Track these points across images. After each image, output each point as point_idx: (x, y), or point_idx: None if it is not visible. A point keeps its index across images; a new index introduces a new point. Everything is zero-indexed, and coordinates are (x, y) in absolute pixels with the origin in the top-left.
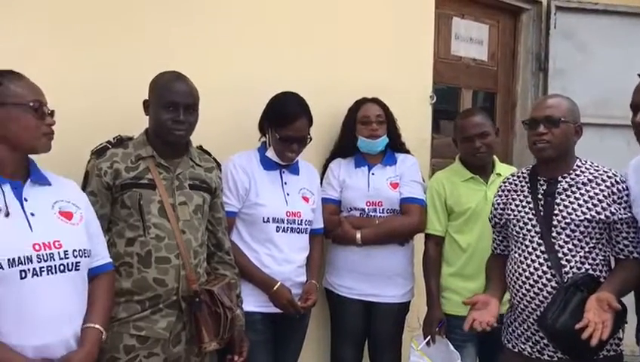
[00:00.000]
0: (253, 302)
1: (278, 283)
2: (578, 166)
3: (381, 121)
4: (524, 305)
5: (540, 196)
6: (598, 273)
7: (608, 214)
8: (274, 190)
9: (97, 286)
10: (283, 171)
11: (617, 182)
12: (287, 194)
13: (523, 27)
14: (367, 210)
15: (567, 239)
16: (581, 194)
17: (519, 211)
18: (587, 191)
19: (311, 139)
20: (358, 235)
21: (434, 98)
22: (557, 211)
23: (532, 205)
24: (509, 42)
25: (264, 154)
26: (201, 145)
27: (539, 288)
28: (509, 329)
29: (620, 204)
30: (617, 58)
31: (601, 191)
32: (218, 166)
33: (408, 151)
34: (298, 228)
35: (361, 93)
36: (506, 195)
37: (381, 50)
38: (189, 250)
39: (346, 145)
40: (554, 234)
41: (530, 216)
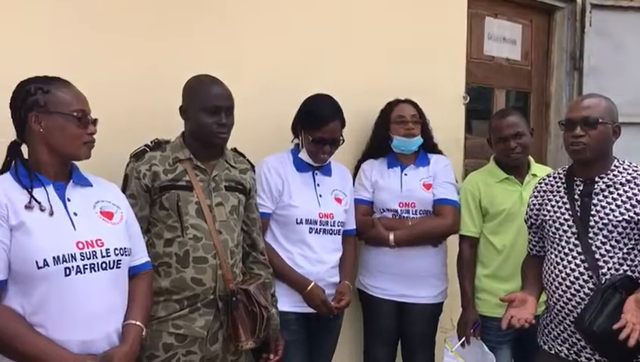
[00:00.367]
0: (287, 302)
1: (312, 284)
2: (616, 166)
3: (416, 121)
4: (561, 306)
5: (577, 197)
6: (637, 274)
7: None
8: (307, 191)
9: (137, 285)
10: (316, 173)
11: None
12: (320, 195)
13: (557, 26)
14: (399, 211)
15: (604, 240)
16: (619, 194)
17: (555, 212)
18: (625, 192)
19: (343, 140)
20: (391, 237)
21: (467, 98)
22: (594, 212)
23: (568, 206)
24: (542, 41)
25: (297, 156)
26: (235, 148)
27: (575, 289)
28: (545, 330)
29: None
30: None
31: None
32: (252, 167)
33: (441, 152)
34: (331, 229)
35: (394, 94)
36: (541, 196)
37: (414, 51)
38: (225, 250)
39: (378, 146)
40: (591, 235)
41: (566, 216)
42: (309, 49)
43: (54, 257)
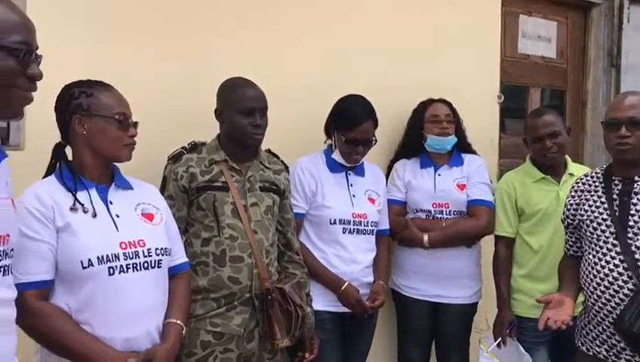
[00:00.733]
0: (322, 301)
1: (346, 283)
2: None
3: (450, 120)
4: (599, 307)
5: (615, 196)
6: None
7: None
8: (340, 192)
9: (177, 285)
10: (349, 173)
11: None
12: (353, 195)
13: (593, 23)
14: (433, 212)
15: None
16: None
17: (593, 212)
18: None
19: (376, 141)
20: (425, 238)
21: (502, 97)
22: (633, 211)
23: (607, 205)
24: (578, 38)
25: (330, 157)
26: (269, 149)
27: (614, 290)
28: (583, 331)
29: None
30: None
31: None
32: (286, 168)
33: (475, 152)
34: (364, 229)
35: (427, 93)
36: (579, 196)
37: (447, 50)
38: (261, 250)
39: (410, 146)
40: (630, 235)
41: (604, 216)
42: (342, 50)
43: (98, 257)
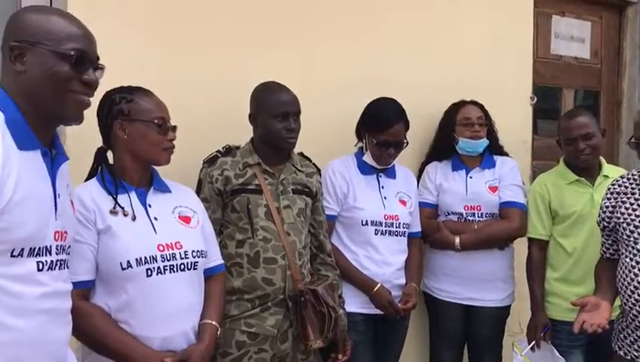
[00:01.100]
0: (354, 303)
1: (379, 285)
2: None
3: (482, 123)
4: (637, 311)
5: None
6: None
7: None
8: (371, 194)
9: (212, 286)
10: (380, 175)
11: None
12: (385, 197)
13: (629, 22)
14: (465, 214)
15: None
16: None
17: (629, 214)
18: None
19: (407, 143)
20: (457, 241)
21: (534, 99)
22: None
23: None
24: (613, 38)
25: (361, 159)
26: (302, 152)
27: None
28: (621, 335)
29: None
30: None
31: None
32: (318, 171)
33: (507, 154)
34: (396, 231)
35: (459, 94)
36: (615, 198)
37: (479, 52)
38: (293, 251)
39: (442, 148)
40: None
41: None
42: (372, 52)
43: (137, 259)
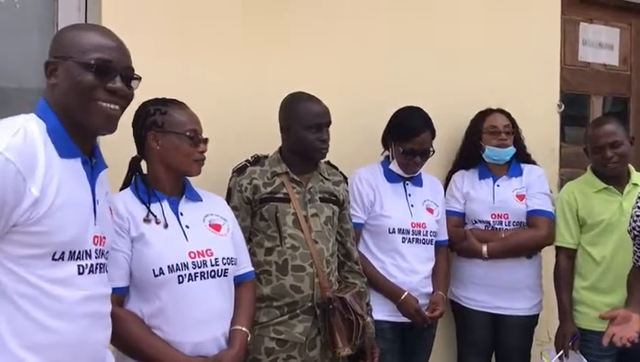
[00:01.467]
0: (382, 311)
1: (406, 293)
2: None
3: (509, 131)
4: None
5: None
6: None
7: None
8: (398, 202)
9: (242, 293)
10: (407, 183)
11: None
12: (412, 205)
13: None
14: (492, 223)
15: None
16: None
17: None
18: None
19: (434, 151)
20: (484, 249)
21: (562, 106)
22: None
23: None
24: None
25: (388, 168)
26: (328, 160)
27: None
28: None
29: None
30: None
31: None
32: (345, 179)
33: (534, 162)
34: (423, 239)
35: (486, 102)
36: None
37: (506, 59)
38: (321, 259)
39: (468, 156)
40: None
41: None
42: (398, 61)
43: (169, 266)
